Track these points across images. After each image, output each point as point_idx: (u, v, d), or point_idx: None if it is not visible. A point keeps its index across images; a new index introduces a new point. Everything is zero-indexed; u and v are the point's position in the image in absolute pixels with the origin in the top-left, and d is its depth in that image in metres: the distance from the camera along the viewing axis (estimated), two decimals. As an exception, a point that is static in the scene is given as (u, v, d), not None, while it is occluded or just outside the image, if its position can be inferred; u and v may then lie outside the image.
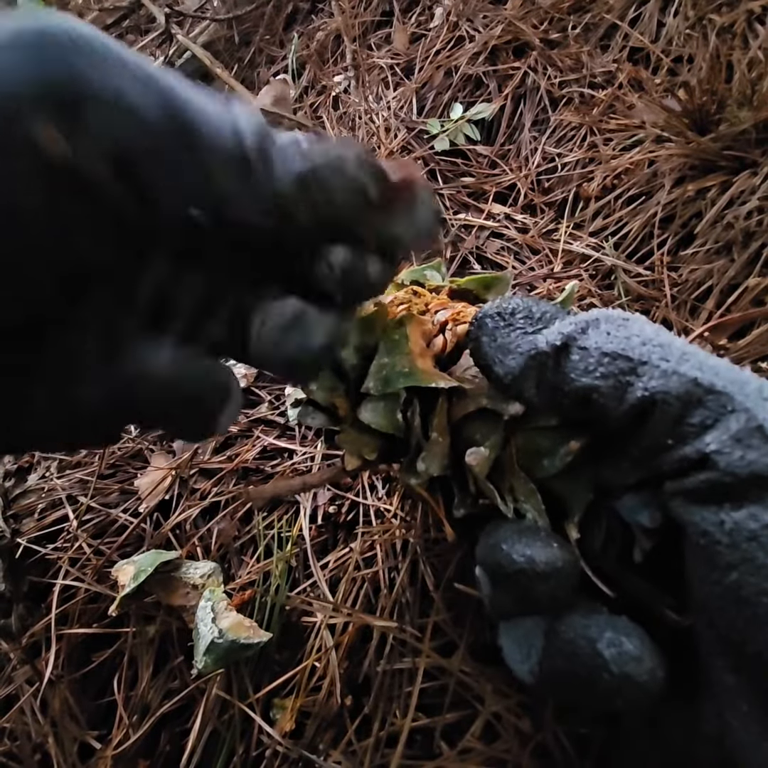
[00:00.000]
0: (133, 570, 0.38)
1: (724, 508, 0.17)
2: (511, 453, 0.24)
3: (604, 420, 0.19)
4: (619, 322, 0.20)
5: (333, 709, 0.32)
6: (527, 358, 0.21)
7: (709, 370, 0.18)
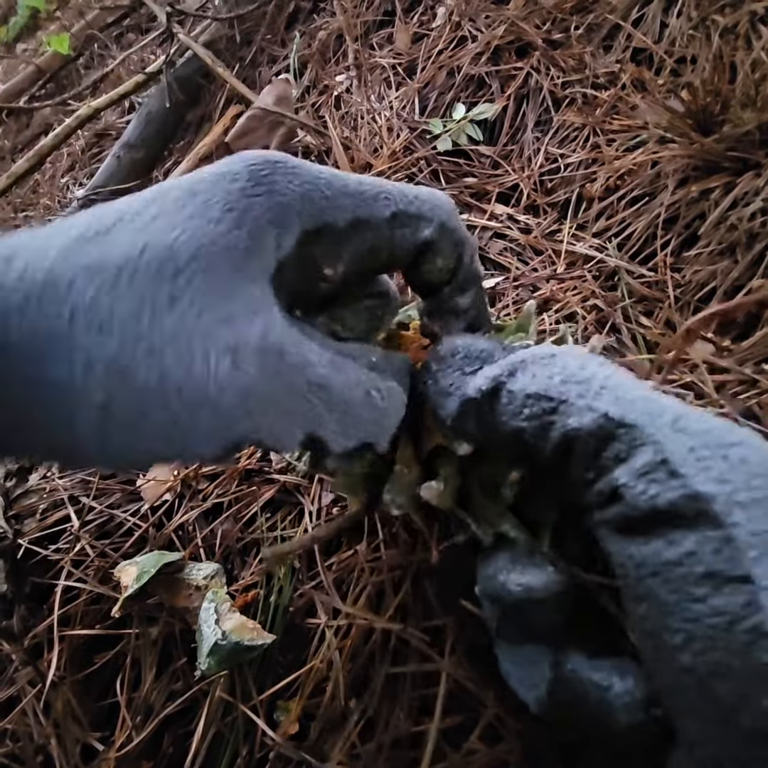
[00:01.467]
0: (136, 571, 0.38)
1: (634, 542, 0.17)
2: (473, 484, 0.25)
3: (536, 458, 0.20)
4: (545, 362, 0.21)
5: (337, 711, 0.32)
6: (460, 403, 0.22)
7: (624, 404, 0.18)
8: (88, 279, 0.17)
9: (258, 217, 0.20)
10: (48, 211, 1.01)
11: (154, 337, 0.17)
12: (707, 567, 0.15)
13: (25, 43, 1.67)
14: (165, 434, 0.18)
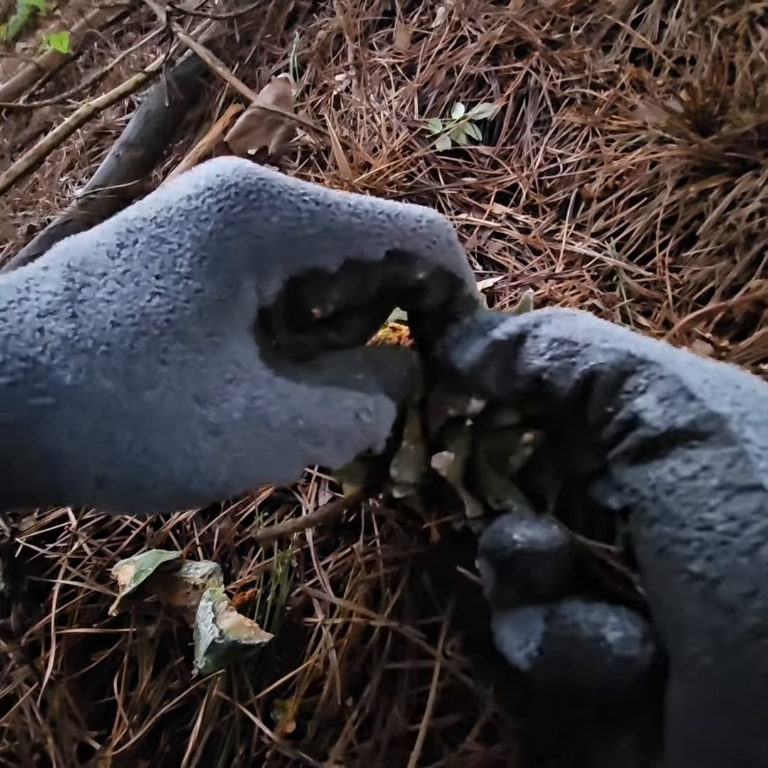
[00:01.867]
0: (134, 570, 0.38)
1: (650, 465, 0.18)
2: (480, 456, 0.26)
3: (555, 399, 0.21)
4: (568, 316, 0.22)
5: (334, 709, 0.32)
6: (485, 348, 0.23)
7: (644, 347, 0.20)
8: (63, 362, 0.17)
9: (234, 264, 0.19)
10: (47, 210, 1.01)
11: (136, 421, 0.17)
12: (720, 479, 0.16)
13: (25, 41, 1.67)
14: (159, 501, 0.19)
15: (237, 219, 0.19)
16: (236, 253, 0.19)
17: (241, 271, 0.19)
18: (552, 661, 0.20)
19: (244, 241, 0.19)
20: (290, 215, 0.20)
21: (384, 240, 0.22)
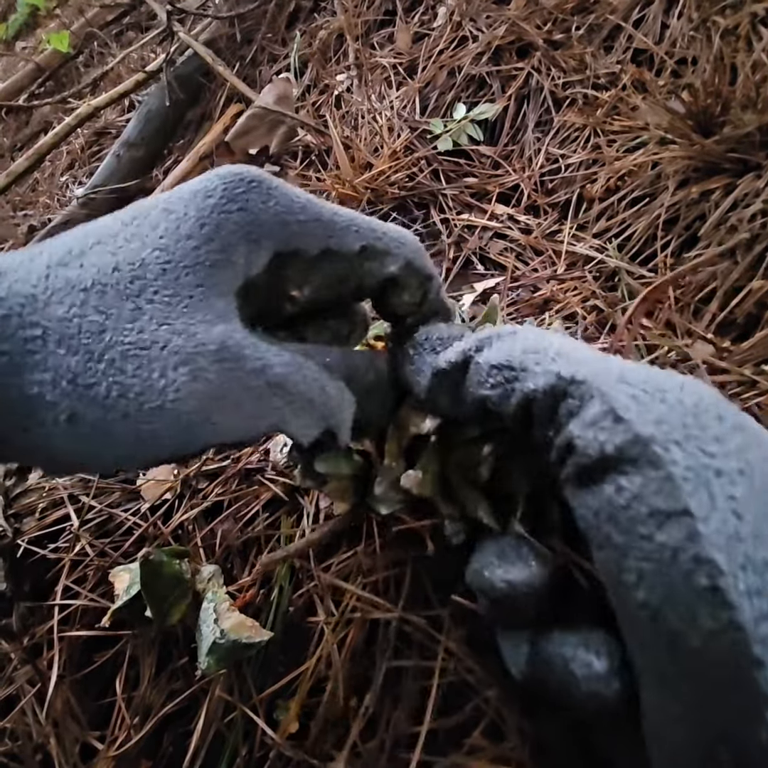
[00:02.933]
0: (128, 580, 0.37)
1: (591, 491, 0.18)
2: (452, 469, 0.27)
3: (504, 421, 0.22)
4: (507, 336, 0.22)
5: (337, 710, 0.32)
6: (432, 374, 0.24)
7: (574, 364, 0.20)
8: (61, 298, 0.19)
9: (230, 233, 0.21)
10: (47, 210, 1.01)
11: (114, 352, 0.18)
12: (651, 506, 0.16)
13: (25, 40, 1.67)
14: (129, 444, 0.19)
15: (238, 197, 0.22)
16: (234, 225, 0.22)
17: (236, 240, 0.22)
18: (536, 682, 0.22)
19: (242, 216, 0.22)
20: (285, 203, 0.23)
21: (359, 236, 0.24)
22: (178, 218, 0.21)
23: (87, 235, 0.21)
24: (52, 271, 0.19)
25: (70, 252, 0.20)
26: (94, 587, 0.40)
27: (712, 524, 0.15)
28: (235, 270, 0.22)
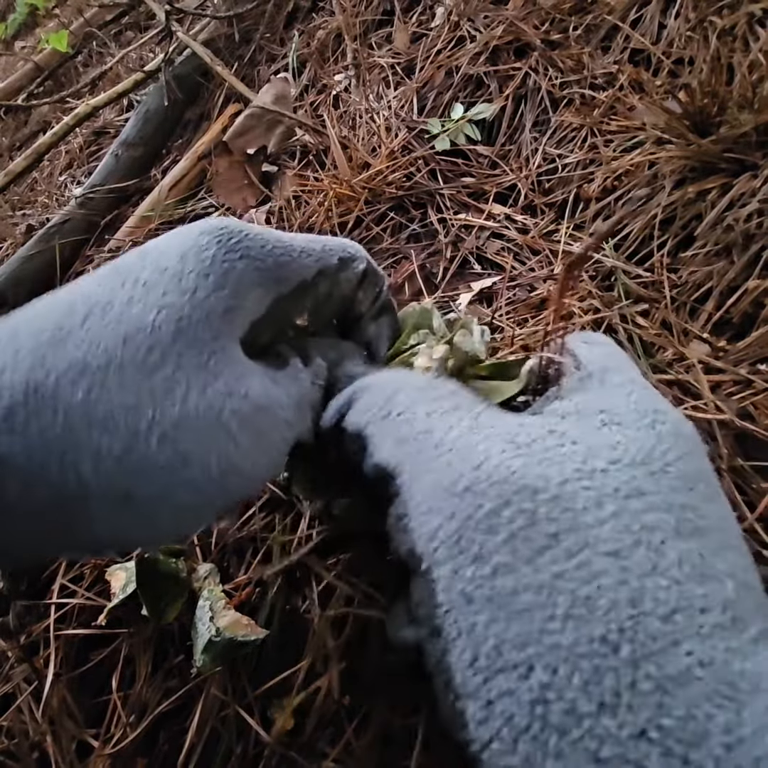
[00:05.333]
0: (124, 578, 0.38)
1: None
2: None
3: None
4: (369, 394, 0.23)
5: (331, 708, 0.32)
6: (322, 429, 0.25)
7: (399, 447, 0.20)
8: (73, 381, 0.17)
9: (241, 278, 0.21)
10: (46, 209, 1.01)
11: (163, 426, 0.18)
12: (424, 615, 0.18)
13: (24, 40, 1.67)
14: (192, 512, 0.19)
15: (236, 247, 0.22)
16: (241, 272, 0.21)
17: (247, 286, 0.22)
18: None
19: (246, 263, 0.22)
20: (279, 244, 0.23)
21: (334, 252, 0.26)
22: (176, 274, 0.20)
23: (73, 308, 0.19)
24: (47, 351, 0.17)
25: (61, 328, 0.18)
26: (90, 586, 0.40)
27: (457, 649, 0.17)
28: (245, 316, 0.22)
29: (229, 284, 0.21)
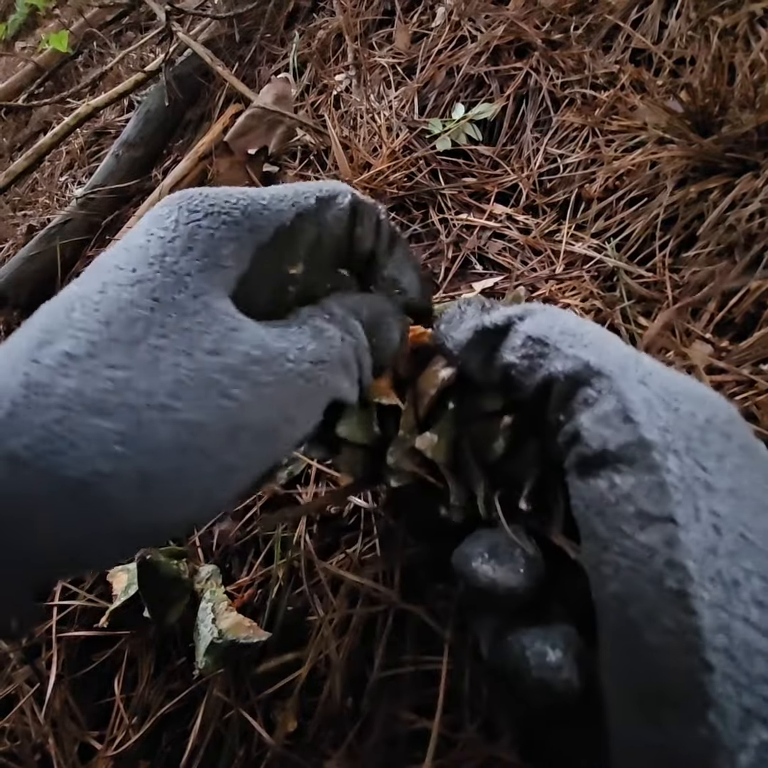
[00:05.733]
0: (126, 580, 0.38)
1: (586, 483, 0.19)
2: (465, 443, 0.27)
3: (521, 395, 0.22)
4: (550, 313, 0.23)
5: (334, 709, 0.32)
6: (473, 332, 0.24)
7: (605, 357, 0.20)
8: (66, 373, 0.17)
9: (209, 235, 0.21)
10: (46, 210, 1.01)
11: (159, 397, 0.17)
12: (638, 508, 0.17)
13: (24, 40, 1.67)
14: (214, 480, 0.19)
15: (199, 206, 0.21)
16: (207, 230, 0.21)
17: (216, 243, 0.21)
18: (496, 665, 0.23)
19: (212, 218, 0.21)
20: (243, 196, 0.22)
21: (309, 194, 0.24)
22: (142, 246, 0.20)
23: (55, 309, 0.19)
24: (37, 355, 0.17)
25: (48, 331, 0.18)
26: (92, 588, 0.40)
27: (692, 534, 0.16)
28: (226, 273, 0.21)
29: (197, 244, 0.20)
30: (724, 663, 0.15)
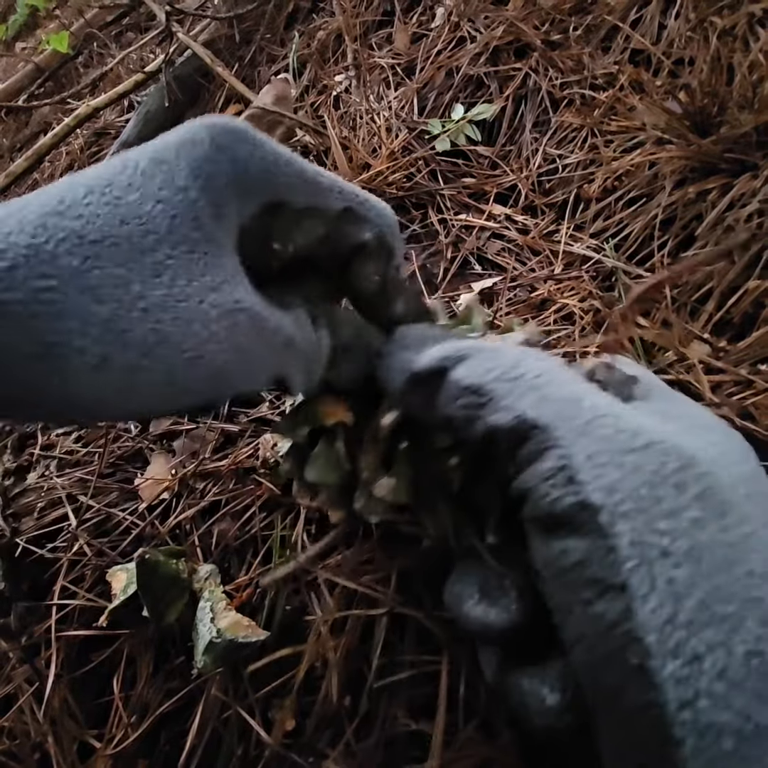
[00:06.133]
0: (125, 579, 0.38)
1: (543, 542, 0.18)
2: (424, 478, 0.26)
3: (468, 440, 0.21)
4: (486, 355, 0.22)
5: (332, 709, 0.32)
6: (409, 376, 0.23)
7: (544, 405, 0.19)
8: (69, 250, 0.18)
9: (222, 186, 0.21)
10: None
11: (147, 302, 0.18)
12: (593, 574, 0.17)
13: (25, 41, 1.67)
14: (160, 392, 0.19)
15: (226, 148, 0.22)
16: (224, 176, 0.21)
17: (227, 193, 0.22)
18: (499, 697, 0.22)
19: (231, 165, 0.22)
20: (271, 156, 0.23)
21: (342, 198, 0.25)
22: (171, 169, 0.21)
23: (75, 185, 0.20)
24: (48, 220, 0.18)
25: (62, 202, 0.19)
26: (91, 587, 0.41)
27: (648, 605, 0.16)
28: (230, 224, 0.22)
29: (211, 189, 0.21)
30: (693, 739, 0.14)
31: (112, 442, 0.50)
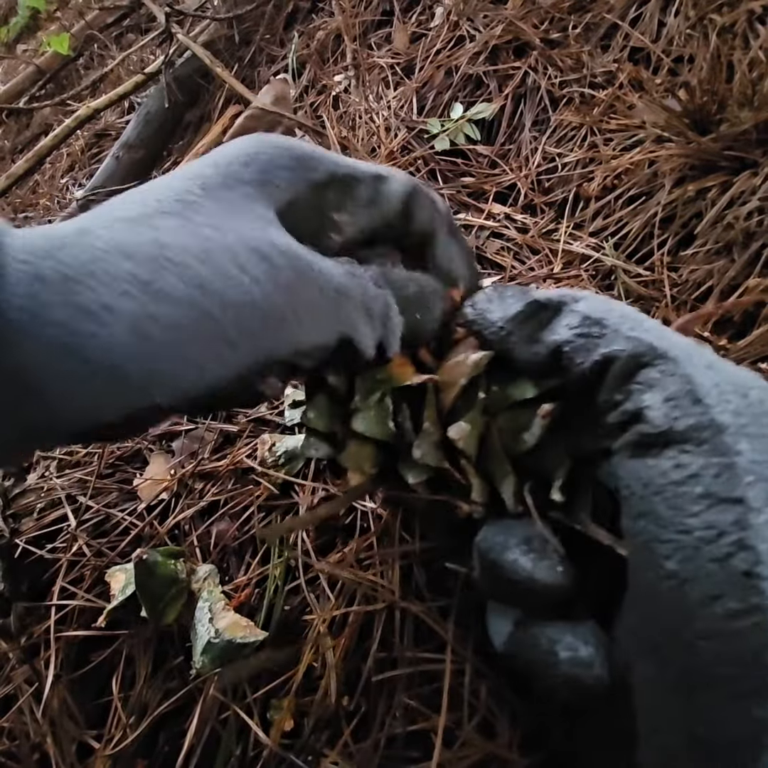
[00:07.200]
0: (124, 580, 0.38)
1: (644, 462, 0.19)
2: (493, 435, 0.26)
3: (571, 375, 0.22)
4: (604, 300, 0.23)
5: (331, 709, 0.32)
6: (523, 305, 0.24)
7: (668, 341, 0.20)
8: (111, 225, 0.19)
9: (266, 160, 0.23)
10: (47, 212, 1.01)
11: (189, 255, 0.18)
12: (706, 488, 0.17)
13: (26, 43, 1.68)
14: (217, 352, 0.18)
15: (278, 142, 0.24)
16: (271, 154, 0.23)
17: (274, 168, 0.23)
18: (515, 659, 0.22)
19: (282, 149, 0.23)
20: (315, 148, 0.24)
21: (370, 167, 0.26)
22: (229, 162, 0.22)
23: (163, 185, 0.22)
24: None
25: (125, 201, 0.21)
26: (90, 587, 0.41)
27: (763, 517, 0.16)
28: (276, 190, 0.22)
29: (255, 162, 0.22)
30: None
31: (111, 442, 0.50)
